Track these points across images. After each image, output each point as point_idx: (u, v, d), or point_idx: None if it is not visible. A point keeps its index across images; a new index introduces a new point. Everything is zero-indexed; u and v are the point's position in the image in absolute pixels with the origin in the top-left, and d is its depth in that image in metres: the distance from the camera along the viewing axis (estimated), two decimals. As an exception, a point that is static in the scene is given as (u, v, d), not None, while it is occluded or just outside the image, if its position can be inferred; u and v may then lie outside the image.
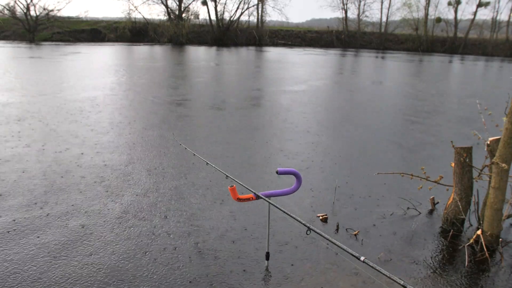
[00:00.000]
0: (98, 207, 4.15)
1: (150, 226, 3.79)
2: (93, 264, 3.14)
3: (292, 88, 14.04)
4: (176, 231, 3.72)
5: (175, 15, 46.93)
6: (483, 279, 3.22)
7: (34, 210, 4.02)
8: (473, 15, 47.27)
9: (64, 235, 3.56)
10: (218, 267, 3.19)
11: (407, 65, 27.78)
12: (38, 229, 3.65)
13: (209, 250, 3.42)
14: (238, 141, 7.02)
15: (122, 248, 3.40)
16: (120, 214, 4.02)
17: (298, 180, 3.12)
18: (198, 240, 3.59)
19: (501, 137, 3.51)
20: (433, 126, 8.78)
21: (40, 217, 3.87)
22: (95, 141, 6.55)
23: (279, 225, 3.92)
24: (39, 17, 41.89)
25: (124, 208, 4.16)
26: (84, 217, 3.92)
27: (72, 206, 4.14)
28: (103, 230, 3.68)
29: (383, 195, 4.82)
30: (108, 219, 3.90)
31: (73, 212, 4.01)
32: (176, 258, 3.28)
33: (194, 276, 3.06)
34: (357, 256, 1.82)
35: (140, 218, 3.94)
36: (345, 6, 52.85)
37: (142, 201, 4.33)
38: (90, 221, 3.85)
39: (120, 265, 3.15)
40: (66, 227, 3.71)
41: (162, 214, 4.06)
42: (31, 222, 3.78)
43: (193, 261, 3.26)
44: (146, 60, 23.60)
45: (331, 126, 8.51)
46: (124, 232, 3.66)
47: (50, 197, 4.33)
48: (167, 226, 3.80)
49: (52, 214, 3.94)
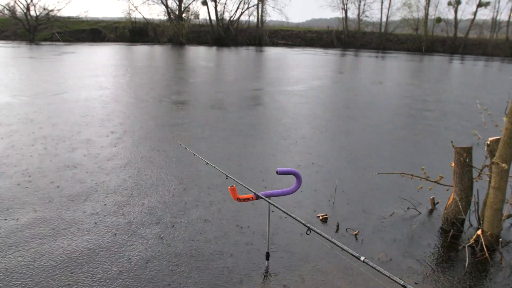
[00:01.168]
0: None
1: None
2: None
3: (292, 88, 14.04)
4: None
5: (175, 15, 46.95)
6: (483, 279, 3.22)
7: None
8: (473, 15, 47.36)
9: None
10: (219, 267, 3.19)
11: (407, 65, 27.77)
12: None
13: (209, 250, 3.43)
14: (238, 140, 7.02)
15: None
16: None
17: (298, 180, 3.12)
18: (197, 239, 3.59)
19: (501, 137, 3.51)
20: (433, 126, 8.78)
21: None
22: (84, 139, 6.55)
23: (279, 225, 3.92)
24: (39, 17, 41.90)
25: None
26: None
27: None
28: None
29: (383, 195, 4.81)
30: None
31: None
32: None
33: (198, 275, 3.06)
34: (357, 256, 1.82)
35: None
36: (345, 6, 52.94)
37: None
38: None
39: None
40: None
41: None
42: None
43: (194, 261, 3.26)
44: (146, 60, 23.61)
45: (331, 126, 8.51)
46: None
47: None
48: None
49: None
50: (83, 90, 11.74)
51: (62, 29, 41.83)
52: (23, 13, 41.16)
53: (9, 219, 3.82)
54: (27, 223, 3.77)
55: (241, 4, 48.43)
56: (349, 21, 53.47)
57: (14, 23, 41.08)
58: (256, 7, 49.60)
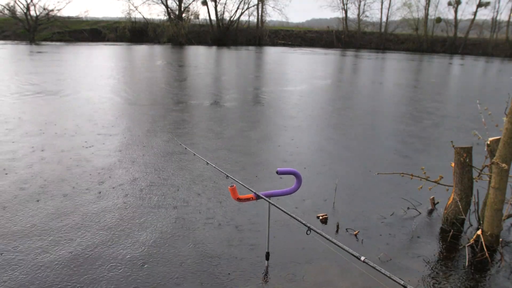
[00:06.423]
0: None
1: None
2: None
3: (292, 88, 14.04)
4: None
5: (175, 15, 46.96)
6: (483, 279, 3.22)
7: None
8: (473, 15, 47.34)
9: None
10: (218, 267, 3.19)
11: (408, 65, 27.76)
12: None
13: (208, 251, 3.43)
14: (238, 140, 7.02)
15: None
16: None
17: (298, 180, 3.12)
18: (197, 239, 3.59)
19: (501, 137, 3.51)
20: (433, 126, 8.77)
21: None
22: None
23: (279, 225, 3.92)
24: (39, 17, 41.90)
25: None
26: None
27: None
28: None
29: (383, 195, 4.81)
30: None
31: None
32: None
33: (200, 274, 3.06)
34: (357, 256, 1.82)
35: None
36: (345, 6, 52.94)
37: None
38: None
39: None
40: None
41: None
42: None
43: (193, 260, 3.26)
44: (146, 60, 23.60)
45: (331, 126, 8.50)
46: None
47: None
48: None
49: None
50: (82, 90, 11.74)
51: (62, 29, 41.82)
52: (23, 13, 41.20)
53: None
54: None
55: (241, 4, 48.50)
56: (349, 21, 53.50)
57: (14, 23, 41.09)
58: (256, 7, 49.65)
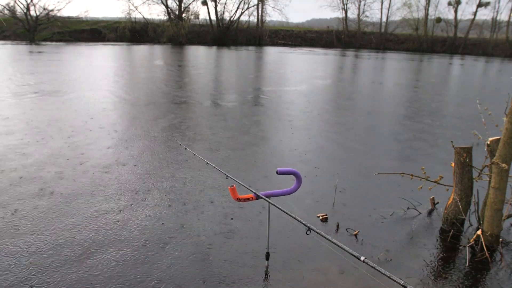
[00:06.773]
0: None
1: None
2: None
3: (292, 88, 14.04)
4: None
5: (175, 15, 46.97)
6: (483, 279, 3.22)
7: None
8: (473, 15, 47.38)
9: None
10: (218, 267, 3.19)
11: (408, 65, 27.76)
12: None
13: (208, 250, 3.43)
14: (238, 140, 7.02)
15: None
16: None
17: (298, 180, 3.11)
18: (197, 238, 3.59)
19: (501, 137, 3.51)
20: (433, 126, 8.77)
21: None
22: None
23: (279, 225, 3.92)
24: (39, 17, 41.90)
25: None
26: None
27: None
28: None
29: (383, 195, 4.81)
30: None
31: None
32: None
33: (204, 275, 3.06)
34: (357, 256, 1.82)
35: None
36: (345, 6, 52.98)
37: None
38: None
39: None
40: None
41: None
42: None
43: (193, 260, 3.26)
44: (145, 60, 23.59)
45: (331, 126, 8.51)
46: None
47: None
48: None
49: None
50: (83, 90, 11.74)
51: (62, 29, 41.83)
52: (23, 13, 41.21)
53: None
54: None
55: (241, 4, 48.51)
56: (349, 21, 53.53)
57: (14, 23, 41.10)
58: (256, 7, 49.66)
